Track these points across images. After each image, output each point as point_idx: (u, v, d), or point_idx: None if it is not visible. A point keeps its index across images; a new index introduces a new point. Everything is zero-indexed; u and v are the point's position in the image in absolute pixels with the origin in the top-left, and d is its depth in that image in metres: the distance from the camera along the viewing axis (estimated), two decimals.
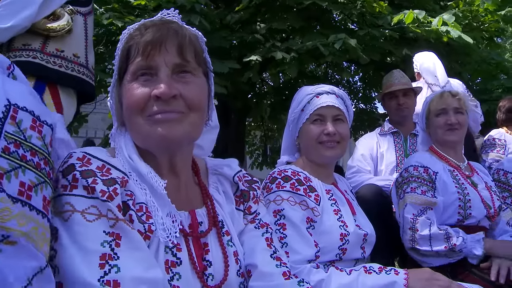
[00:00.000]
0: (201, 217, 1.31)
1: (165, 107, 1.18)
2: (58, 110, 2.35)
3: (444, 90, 2.67)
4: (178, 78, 1.22)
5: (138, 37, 1.23)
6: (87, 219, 1.06)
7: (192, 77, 1.25)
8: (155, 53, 1.20)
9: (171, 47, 1.21)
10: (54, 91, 2.35)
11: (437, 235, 2.26)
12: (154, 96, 1.18)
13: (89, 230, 1.05)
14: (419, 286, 1.58)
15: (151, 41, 1.20)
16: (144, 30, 1.24)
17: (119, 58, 1.29)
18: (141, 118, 1.20)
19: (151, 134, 1.20)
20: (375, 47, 6.38)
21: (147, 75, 1.21)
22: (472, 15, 6.48)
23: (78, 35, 2.47)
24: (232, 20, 6.41)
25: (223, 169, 1.47)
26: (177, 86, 1.20)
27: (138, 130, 1.22)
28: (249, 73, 6.23)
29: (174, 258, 1.18)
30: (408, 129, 3.66)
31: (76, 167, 1.11)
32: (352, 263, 1.86)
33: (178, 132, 1.20)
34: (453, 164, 2.56)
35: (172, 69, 1.21)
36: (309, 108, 1.98)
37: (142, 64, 1.20)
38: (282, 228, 1.71)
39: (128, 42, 1.26)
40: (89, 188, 1.08)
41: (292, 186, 1.81)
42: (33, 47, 2.30)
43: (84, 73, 2.47)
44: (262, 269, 1.34)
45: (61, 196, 1.09)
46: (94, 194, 1.08)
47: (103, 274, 1.00)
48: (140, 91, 1.20)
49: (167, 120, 1.18)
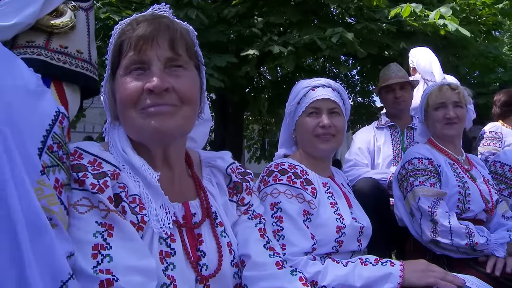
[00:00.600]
0: (195, 209, 1.33)
1: (158, 100, 1.20)
2: (63, 105, 2.36)
3: (443, 83, 2.62)
4: (170, 72, 1.24)
5: (130, 32, 1.24)
6: (79, 211, 1.09)
7: (183, 71, 1.27)
8: (147, 48, 1.22)
9: (163, 41, 1.23)
10: (59, 86, 2.36)
11: (458, 230, 2.23)
12: (147, 89, 1.20)
13: (81, 221, 1.08)
14: (415, 277, 1.60)
15: (143, 36, 1.22)
16: (136, 25, 1.25)
17: (111, 53, 1.30)
18: (134, 111, 1.22)
19: (145, 127, 1.22)
20: (372, 40, 6.38)
21: (140, 69, 1.23)
22: (469, 9, 6.48)
23: (80, 31, 2.48)
24: (229, 14, 6.40)
25: (216, 161, 1.49)
26: (169, 79, 1.22)
27: (132, 123, 1.24)
28: (246, 67, 6.23)
29: (168, 248, 1.20)
30: (405, 123, 3.66)
31: None
32: (348, 255, 1.87)
33: (170, 124, 1.22)
34: (452, 158, 2.54)
35: (164, 63, 1.23)
36: (305, 101, 1.98)
37: (135, 58, 1.22)
38: (279, 220, 1.72)
39: (120, 37, 1.27)
40: (80, 181, 1.11)
41: (288, 179, 1.82)
42: (37, 43, 2.31)
43: (87, 69, 2.48)
44: (255, 259, 1.36)
45: None
46: (84, 186, 1.11)
47: (96, 264, 1.03)
48: (133, 84, 1.21)
49: (160, 113, 1.20)
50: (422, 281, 1.60)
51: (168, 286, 1.14)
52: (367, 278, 1.59)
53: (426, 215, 2.31)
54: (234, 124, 8.70)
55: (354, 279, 1.59)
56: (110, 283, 1.01)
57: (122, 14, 5.58)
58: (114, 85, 1.28)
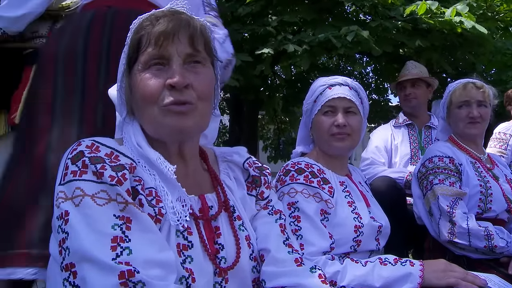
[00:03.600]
0: (211, 202, 1.33)
1: (179, 97, 1.20)
2: None
3: (468, 81, 2.54)
4: (189, 68, 1.24)
5: (150, 27, 1.24)
6: (97, 203, 1.08)
7: (202, 67, 1.27)
8: (168, 43, 1.22)
9: (183, 37, 1.24)
10: None
11: (477, 232, 2.19)
12: (168, 85, 1.20)
13: (100, 213, 1.07)
14: (435, 277, 1.58)
15: (164, 32, 1.22)
16: (156, 21, 1.25)
17: (128, 47, 1.30)
18: (155, 107, 1.22)
19: (164, 125, 1.22)
20: (387, 38, 6.33)
21: (159, 65, 1.23)
22: (486, 5, 6.39)
23: None
24: (243, 12, 6.39)
25: (232, 156, 1.49)
26: (189, 75, 1.23)
27: (151, 119, 1.24)
28: (261, 66, 6.22)
29: (186, 241, 1.20)
30: (422, 121, 3.63)
31: (85, 153, 1.13)
32: (366, 254, 1.85)
33: (189, 123, 1.23)
34: (474, 156, 2.49)
35: (184, 58, 1.23)
36: (321, 99, 1.97)
37: (155, 53, 1.22)
38: (297, 220, 1.71)
39: (138, 32, 1.27)
40: (98, 173, 1.10)
41: (305, 179, 1.80)
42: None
43: None
44: (275, 254, 1.35)
45: (71, 181, 1.10)
46: (103, 179, 1.10)
47: (115, 256, 1.02)
48: (153, 81, 1.22)
49: (180, 112, 1.21)
50: (442, 281, 1.57)
51: (186, 279, 1.14)
52: (387, 278, 1.57)
53: (445, 215, 2.27)
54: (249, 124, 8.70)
55: (373, 279, 1.58)
56: (131, 274, 1.00)
57: None
58: (130, 80, 1.28)
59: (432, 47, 6.34)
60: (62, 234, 1.06)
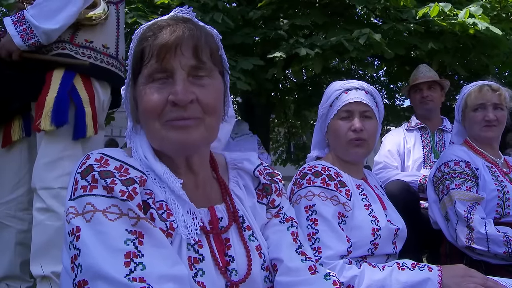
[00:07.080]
0: (221, 213, 1.31)
1: (182, 113, 1.16)
2: (90, 96, 2.33)
3: (483, 83, 2.50)
4: (194, 81, 1.19)
5: (152, 39, 1.19)
6: (109, 218, 1.06)
7: (208, 79, 1.22)
8: (171, 57, 1.17)
9: (186, 49, 1.18)
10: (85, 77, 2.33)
11: (496, 238, 2.15)
12: (171, 102, 1.15)
13: (112, 228, 1.05)
14: (454, 283, 1.54)
15: (165, 45, 1.16)
16: (158, 31, 1.20)
17: (132, 58, 1.26)
18: (158, 123, 1.18)
19: (168, 139, 1.19)
20: (399, 41, 6.29)
21: (163, 78, 1.18)
22: (501, 6, 6.32)
23: (109, 25, 2.44)
24: (254, 16, 6.39)
25: (243, 163, 1.45)
26: (193, 89, 1.18)
27: (155, 134, 1.21)
28: (273, 69, 6.21)
29: (197, 254, 1.19)
30: (435, 125, 3.61)
31: (95, 168, 1.11)
32: (384, 258, 1.84)
33: (194, 137, 1.19)
34: (490, 160, 2.46)
35: (188, 71, 1.18)
36: (337, 103, 1.97)
37: (157, 67, 1.17)
38: (314, 223, 1.71)
39: (141, 43, 1.22)
40: (108, 188, 1.09)
41: (322, 182, 1.80)
42: (62, 38, 2.29)
43: (113, 65, 2.44)
44: (288, 264, 1.33)
45: (81, 197, 1.09)
46: (113, 193, 1.08)
47: (128, 272, 1.00)
48: (156, 96, 1.17)
49: (184, 127, 1.17)
50: (461, 287, 1.54)
51: None
52: (404, 283, 1.55)
53: (462, 220, 2.24)
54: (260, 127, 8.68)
55: (391, 284, 1.56)
56: None
57: (149, 18, 5.60)
58: (135, 91, 1.25)
59: (445, 49, 6.29)
60: (73, 251, 1.04)
